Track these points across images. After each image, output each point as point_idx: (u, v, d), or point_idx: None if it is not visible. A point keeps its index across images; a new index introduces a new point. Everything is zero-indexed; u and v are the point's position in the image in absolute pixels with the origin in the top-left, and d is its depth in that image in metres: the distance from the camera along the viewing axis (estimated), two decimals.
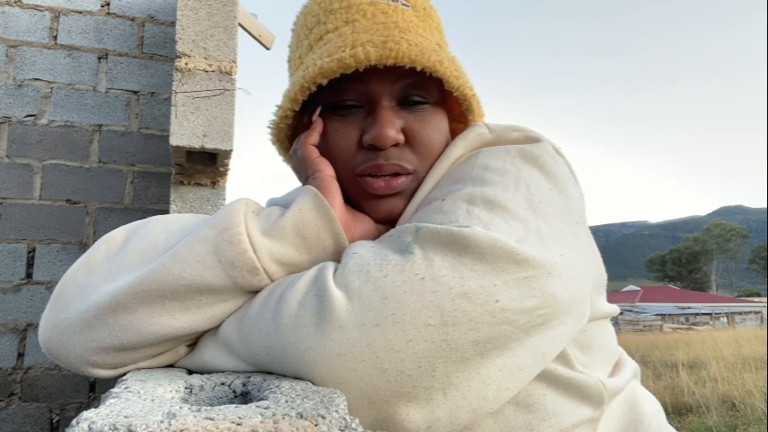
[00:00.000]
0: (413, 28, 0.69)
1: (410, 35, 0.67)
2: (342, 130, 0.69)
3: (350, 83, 0.67)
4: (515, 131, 0.69)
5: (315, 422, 0.37)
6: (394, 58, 0.63)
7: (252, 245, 0.55)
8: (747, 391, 6.64)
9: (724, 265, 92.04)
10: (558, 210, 0.60)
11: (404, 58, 0.63)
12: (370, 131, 0.66)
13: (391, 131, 0.65)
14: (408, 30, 0.68)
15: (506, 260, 0.50)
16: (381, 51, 0.63)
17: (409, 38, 0.66)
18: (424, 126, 0.68)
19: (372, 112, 0.67)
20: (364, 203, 0.69)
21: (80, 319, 0.57)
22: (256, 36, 2.37)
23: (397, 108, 0.68)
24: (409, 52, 0.63)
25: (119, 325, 0.56)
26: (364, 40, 0.65)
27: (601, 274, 0.68)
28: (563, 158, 0.67)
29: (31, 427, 1.84)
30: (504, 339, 0.50)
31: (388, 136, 0.65)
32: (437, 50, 0.67)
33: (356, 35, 0.67)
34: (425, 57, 0.64)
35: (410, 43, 0.64)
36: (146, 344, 0.57)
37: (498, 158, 0.63)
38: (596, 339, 0.67)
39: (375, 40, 0.64)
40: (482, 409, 0.51)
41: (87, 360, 0.58)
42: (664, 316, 30.80)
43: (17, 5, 2.03)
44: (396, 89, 0.67)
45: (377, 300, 0.49)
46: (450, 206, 0.57)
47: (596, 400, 0.61)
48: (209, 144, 1.59)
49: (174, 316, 0.56)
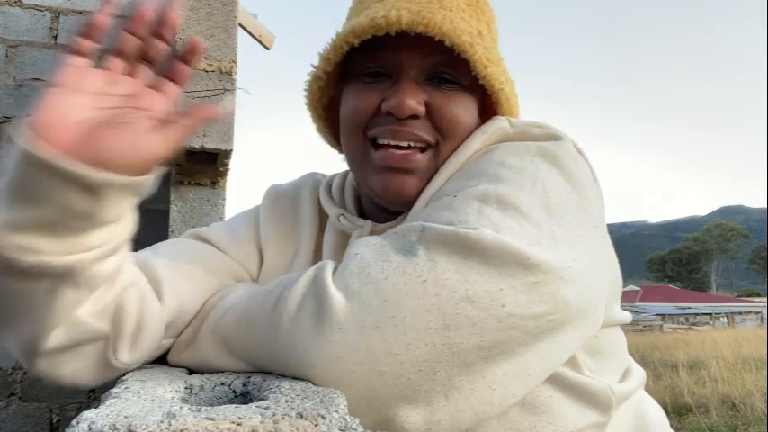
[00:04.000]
0: (455, 8, 0.68)
1: (450, 13, 0.66)
2: (363, 95, 0.68)
3: (382, 51, 0.67)
4: (537, 128, 0.67)
5: (315, 422, 0.37)
6: (425, 26, 0.62)
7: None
8: (747, 391, 6.63)
9: (724, 265, 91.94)
10: (575, 213, 0.58)
11: (435, 29, 0.62)
12: (390, 99, 0.65)
13: (411, 101, 0.64)
14: (450, 8, 0.67)
15: (515, 264, 0.50)
16: (414, 17, 0.62)
17: (446, 14, 0.65)
18: (449, 102, 0.67)
19: (397, 82, 0.67)
20: (376, 177, 0.67)
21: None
22: (256, 36, 2.36)
23: (425, 83, 0.67)
24: (442, 24, 0.62)
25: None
26: (401, 6, 0.64)
27: (617, 281, 0.67)
28: (584, 159, 0.66)
29: (31, 427, 1.84)
30: (511, 344, 0.50)
31: (408, 105, 0.64)
32: (473, 34, 0.66)
33: (398, 2, 0.66)
34: (457, 34, 0.63)
35: (446, 17, 0.64)
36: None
37: (517, 155, 0.62)
38: (607, 346, 0.66)
39: (412, 8, 0.64)
40: (485, 413, 0.51)
41: (26, 360, 0.54)
42: (664, 316, 30.77)
43: (17, 5, 2.02)
44: (426, 63, 0.67)
45: (377, 302, 0.49)
46: (460, 204, 0.56)
47: (604, 405, 0.61)
48: (210, 144, 1.59)
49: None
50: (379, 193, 0.68)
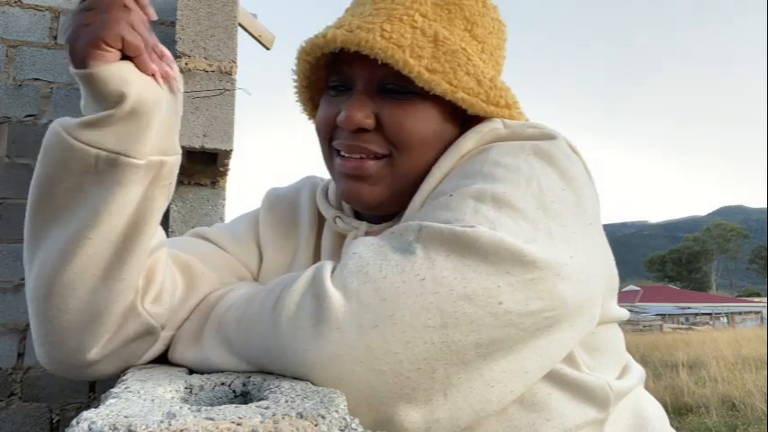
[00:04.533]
0: (412, 14, 0.66)
1: (394, 26, 0.64)
2: (327, 108, 0.71)
3: (340, 65, 0.69)
4: (531, 128, 0.67)
5: (315, 422, 0.37)
6: (357, 45, 0.63)
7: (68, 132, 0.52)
8: (747, 391, 6.64)
9: (724, 265, 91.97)
10: (570, 210, 0.59)
11: (366, 47, 0.63)
12: (341, 113, 0.67)
13: (357, 115, 0.65)
14: (401, 18, 0.65)
15: (511, 261, 0.50)
16: (348, 36, 0.64)
17: (388, 28, 0.64)
18: (400, 113, 0.66)
19: (351, 95, 0.68)
20: (339, 183, 0.71)
21: (38, 322, 0.56)
22: (256, 36, 2.36)
23: (376, 95, 0.67)
24: (374, 43, 0.63)
25: (59, 307, 0.54)
26: (348, 22, 0.66)
27: (613, 278, 0.67)
28: (578, 157, 0.66)
29: (31, 427, 1.84)
30: (509, 342, 0.50)
31: (353, 119, 0.65)
32: (421, 44, 0.64)
33: (350, 17, 0.68)
34: (389, 52, 0.62)
35: (383, 34, 0.63)
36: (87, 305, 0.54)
37: (511, 155, 0.62)
38: (605, 343, 0.66)
39: (352, 25, 0.65)
40: (484, 411, 0.51)
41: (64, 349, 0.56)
42: (664, 316, 30.79)
43: (17, 5, 2.02)
44: (374, 75, 0.67)
45: (375, 301, 0.49)
46: (457, 203, 0.57)
47: (602, 401, 0.61)
48: (209, 144, 1.59)
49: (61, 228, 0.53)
50: (343, 199, 0.72)
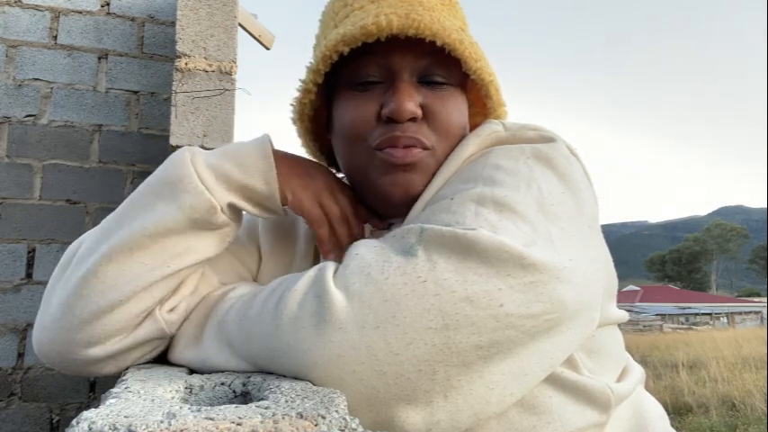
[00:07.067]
0: (436, 8, 0.69)
1: (434, 13, 0.67)
2: (361, 105, 0.68)
3: (371, 57, 0.67)
4: (531, 130, 0.68)
5: (315, 422, 0.37)
6: (416, 29, 0.63)
7: (204, 185, 0.61)
8: (747, 391, 6.64)
9: (724, 265, 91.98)
10: (570, 213, 0.59)
11: (425, 30, 0.63)
12: (388, 104, 0.66)
13: (410, 104, 0.65)
14: (432, 9, 0.68)
15: (512, 264, 0.50)
16: (404, 21, 0.63)
17: (432, 14, 0.66)
18: (443, 104, 0.68)
19: (392, 86, 0.67)
20: (383, 178, 0.68)
21: (60, 305, 0.59)
22: (256, 36, 2.37)
23: (418, 84, 0.68)
24: (431, 25, 0.63)
25: (95, 290, 0.58)
26: (388, 11, 0.65)
27: (612, 280, 0.68)
28: (578, 160, 0.66)
29: (31, 427, 1.84)
30: (509, 344, 0.50)
31: (407, 108, 0.65)
32: (459, 31, 0.67)
33: (380, 8, 0.67)
34: (446, 33, 0.64)
35: (433, 18, 0.65)
36: (123, 298, 0.59)
37: (511, 158, 0.62)
38: (604, 345, 0.66)
39: (399, 12, 0.65)
40: (484, 413, 0.51)
41: (73, 340, 0.59)
42: (664, 316, 30.78)
43: (17, 5, 2.02)
44: (417, 65, 0.67)
45: (377, 302, 0.49)
46: (458, 206, 0.57)
47: (603, 404, 0.61)
48: (210, 144, 1.59)
49: (144, 263, 0.59)
50: (388, 191, 0.68)
